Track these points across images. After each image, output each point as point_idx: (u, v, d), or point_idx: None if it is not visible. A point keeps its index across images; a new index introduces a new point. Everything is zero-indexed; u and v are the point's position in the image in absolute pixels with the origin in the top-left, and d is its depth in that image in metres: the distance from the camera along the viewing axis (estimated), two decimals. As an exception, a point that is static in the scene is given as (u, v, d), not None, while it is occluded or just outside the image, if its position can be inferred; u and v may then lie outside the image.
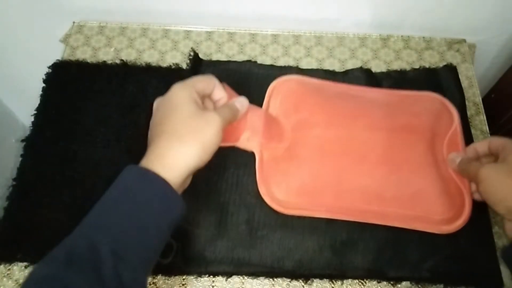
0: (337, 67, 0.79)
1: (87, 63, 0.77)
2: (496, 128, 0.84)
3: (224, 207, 0.64)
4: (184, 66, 0.77)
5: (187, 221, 0.63)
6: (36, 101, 0.73)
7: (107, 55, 0.79)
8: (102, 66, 0.77)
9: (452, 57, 0.80)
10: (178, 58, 0.79)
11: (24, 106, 0.78)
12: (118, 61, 0.77)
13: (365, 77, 0.75)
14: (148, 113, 0.69)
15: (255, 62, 0.78)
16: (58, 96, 0.74)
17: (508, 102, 0.82)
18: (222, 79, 0.75)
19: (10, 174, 0.67)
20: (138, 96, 0.73)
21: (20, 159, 0.68)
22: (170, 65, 0.77)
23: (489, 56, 0.88)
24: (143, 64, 0.77)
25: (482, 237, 0.62)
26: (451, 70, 0.76)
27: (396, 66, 0.79)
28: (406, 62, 0.79)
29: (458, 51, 0.81)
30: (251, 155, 0.65)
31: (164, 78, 0.75)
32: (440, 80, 0.75)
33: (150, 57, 0.79)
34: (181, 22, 0.83)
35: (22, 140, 0.70)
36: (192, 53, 0.78)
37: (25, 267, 0.61)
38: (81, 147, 0.69)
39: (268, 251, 0.61)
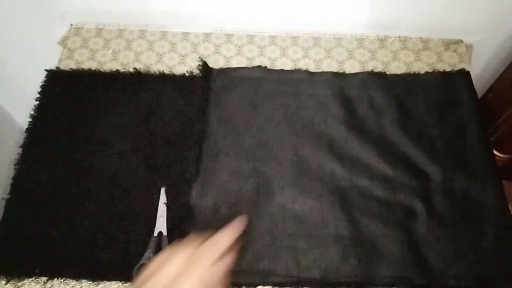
0: (334, 68, 0.79)
1: (100, 72, 0.77)
2: (493, 128, 0.85)
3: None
4: (182, 68, 0.78)
5: None
6: (34, 103, 0.73)
7: (105, 57, 0.79)
8: (115, 75, 0.76)
9: (449, 58, 0.80)
10: (175, 60, 0.79)
11: (22, 108, 0.78)
12: (131, 70, 0.77)
13: (378, 80, 0.75)
14: (164, 122, 0.69)
15: (265, 67, 0.77)
16: (55, 102, 0.73)
17: (505, 102, 0.82)
18: (232, 87, 0.75)
19: (7, 179, 0.67)
20: (152, 105, 0.72)
21: (17, 164, 0.68)
22: (184, 73, 0.77)
23: (486, 56, 0.88)
24: (157, 72, 0.77)
25: (506, 242, 0.61)
26: (464, 74, 0.76)
27: (394, 66, 0.79)
28: (403, 62, 0.80)
29: (455, 51, 0.81)
30: (274, 164, 0.66)
31: (178, 86, 0.74)
32: (454, 84, 0.75)
33: (148, 59, 0.79)
34: (179, 23, 0.83)
35: (21, 146, 0.69)
36: (201, 63, 0.77)
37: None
38: (81, 151, 0.69)
39: (293, 261, 0.61)
